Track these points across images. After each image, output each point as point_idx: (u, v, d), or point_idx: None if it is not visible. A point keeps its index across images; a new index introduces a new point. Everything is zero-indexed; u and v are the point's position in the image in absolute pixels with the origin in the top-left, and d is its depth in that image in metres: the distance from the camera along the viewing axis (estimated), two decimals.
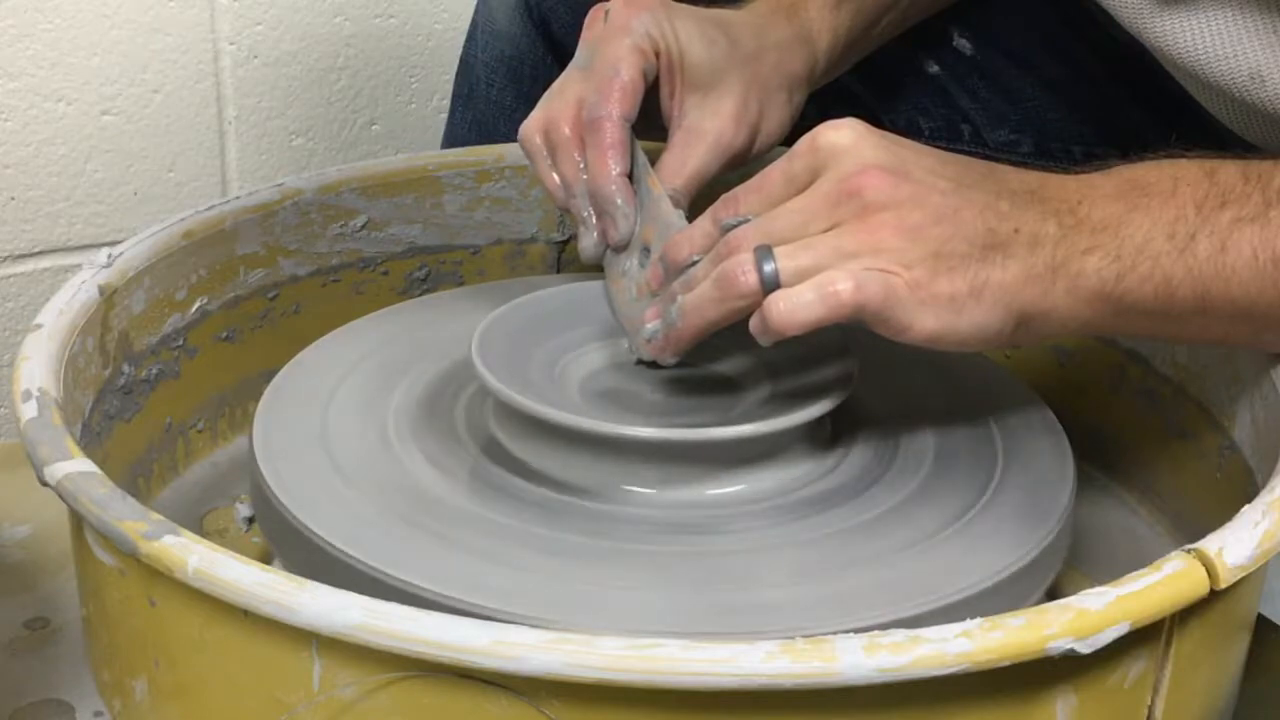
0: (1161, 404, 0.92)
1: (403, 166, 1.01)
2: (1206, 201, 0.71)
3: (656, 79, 0.87)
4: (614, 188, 0.84)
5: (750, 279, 0.71)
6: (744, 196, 0.75)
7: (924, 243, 0.70)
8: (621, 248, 0.85)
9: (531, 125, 0.87)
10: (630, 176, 0.85)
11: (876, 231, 0.70)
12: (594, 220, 0.85)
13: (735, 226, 0.74)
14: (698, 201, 0.83)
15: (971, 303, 0.71)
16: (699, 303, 0.74)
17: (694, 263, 0.76)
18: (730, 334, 0.76)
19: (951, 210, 0.71)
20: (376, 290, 1.01)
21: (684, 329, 0.75)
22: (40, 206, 1.34)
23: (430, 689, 0.59)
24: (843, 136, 0.72)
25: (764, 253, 0.71)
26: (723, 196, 0.77)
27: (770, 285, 0.71)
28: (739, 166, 0.89)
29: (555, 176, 0.86)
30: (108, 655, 0.71)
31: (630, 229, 0.85)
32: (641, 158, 0.86)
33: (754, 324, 0.72)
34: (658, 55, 0.87)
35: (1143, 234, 0.71)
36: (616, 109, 0.84)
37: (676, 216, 0.82)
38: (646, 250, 0.84)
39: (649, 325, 0.79)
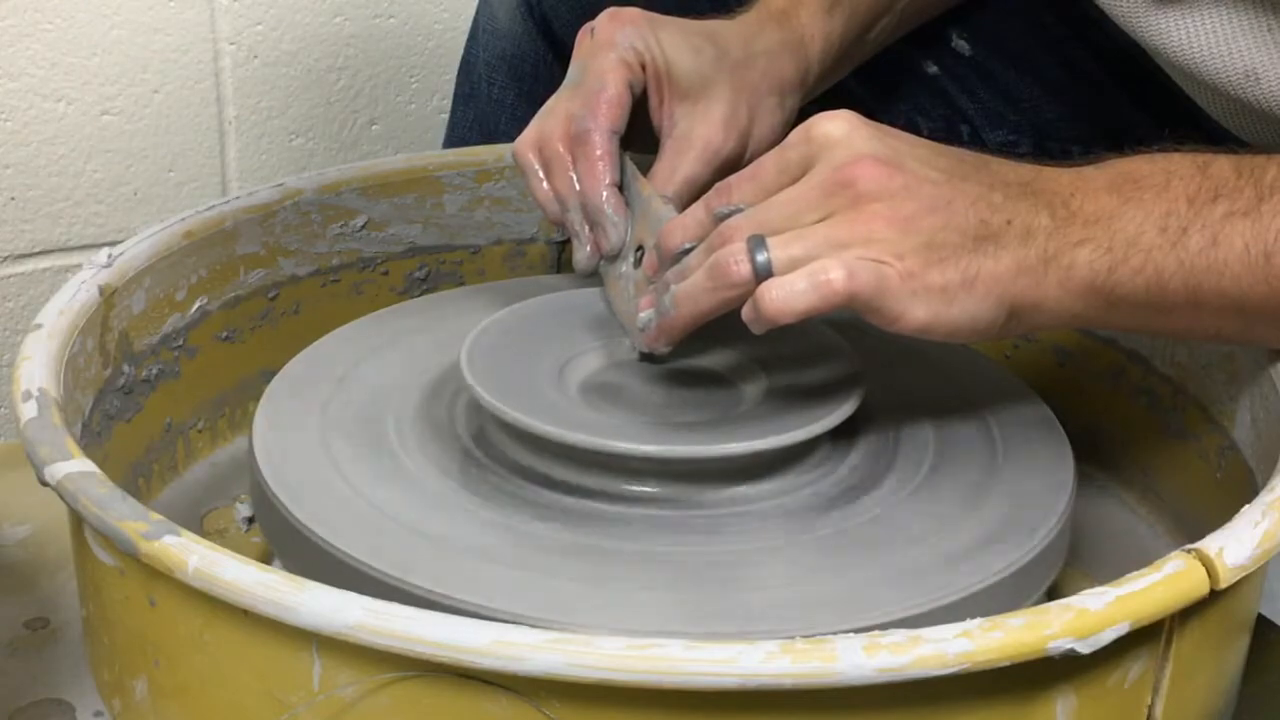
0: (1161, 404, 0.92)
1: (403, 166, 1.01)
2: (1199, 195, 0.72)
3: (646, 91, 0.88)
4: (604, 196, 0.85)
5: (743, 268, 0.71)
6: (737, 185, 0.75)
7: (916, 233, 0.71)
8: (614, 257, 0.86)
9: (525, 142, 0.88)
10: (621, 187, 0.86)
11: (869, 222, 0.71)
12: (587, 232, 0.86)
13: (728, 215, 0.74)
14: None
15: (963, 293, 0.71)
16: (692, 291, 0.74)
17: (687, 250, 0.77)
18: (731, 328, 0.76)
19: (944, 201, 0.71)
20: (376, 290, 1.01)
21: (677, 317, 0.76)
22: (40, 206, 1.34)
23: (430, 689, 0.59)
24: (836, 127, 0.73)
25: (757, 242, 0.71)
26: (716, 185, 0.77)
27: (763, 274, 0.71)
28: (731, 173, 0.89)
29: (548, 191, 0.87)
30: (108, 655, 0.71)
31: (621, 239, 0.86)
32: (631, 167, 0.87)
33: (746, 312, 0.72)
34: (644, 68, 0.87)
35: (1135, 227, 0.72)
36: (604, 122, 0.86)
37: (668, 211, 0.83)
38: (641, 250, 0.85)
39: (643, 314, 0.79)
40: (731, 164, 0.89)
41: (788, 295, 0.70)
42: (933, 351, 0.88)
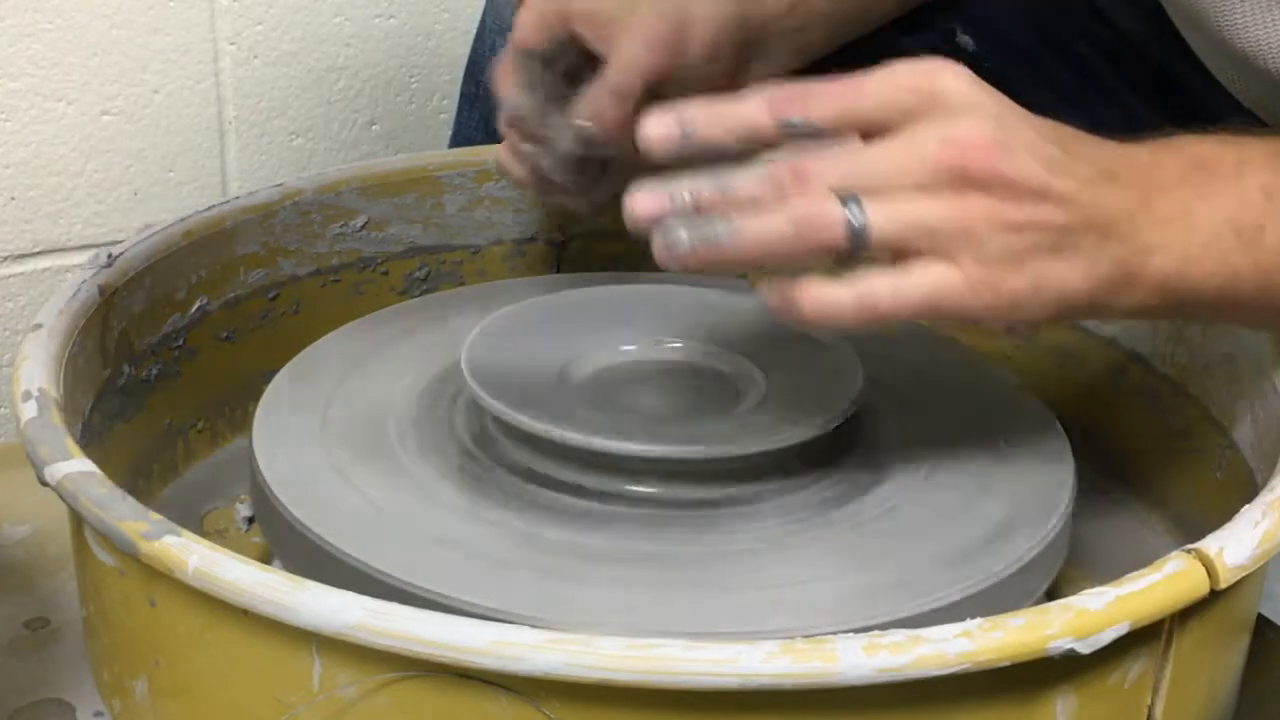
0: (1161, 404, 0.92)
1: (403, 166, 1.01)
2: (1275, 187, 0.69)
3: (593, 68, 0.86)
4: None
5: (837, 232, 0.65)
6: (817, 99, 0.67)
7: (1005, 234, 0.66)
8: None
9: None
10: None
11: (968, 217, 0.66)
12: (545, 134, 0.87)
13: (799, 133, 0.66)
14: None
15: (1028, 299, 0.67)
16: (765, 233, 0.66)
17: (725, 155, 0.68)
18: (732, 328, 0.76)
19: (1037, 200, 0.67)
20: (376, 290, 1.01)
21: (735, 249, 0.66)
22: (40, 206, 1.34)
23: (430, 689, 0.59)
24: (963, 88, 0.67)
25: (855, 208, 0.65)
26: (787, 87, 0.67)
27: (857, 244, 0.65)
28: (686, 67, 0.87)
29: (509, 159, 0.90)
30: (108, 655, 0.71)
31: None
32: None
33: (774, 299, 0.68)
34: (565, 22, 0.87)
35: (1210, 228, 0.69)
36: (512, 44, 0.87)
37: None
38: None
39: (645, 202, 0.68)
40: (679, 52, 0.86)
41: (828, 305, 0.66)
42: (934, 352, 0.88)
